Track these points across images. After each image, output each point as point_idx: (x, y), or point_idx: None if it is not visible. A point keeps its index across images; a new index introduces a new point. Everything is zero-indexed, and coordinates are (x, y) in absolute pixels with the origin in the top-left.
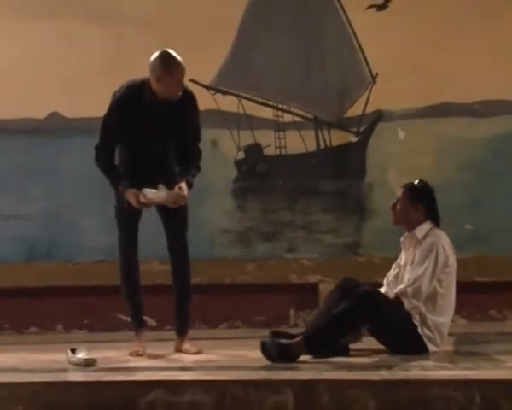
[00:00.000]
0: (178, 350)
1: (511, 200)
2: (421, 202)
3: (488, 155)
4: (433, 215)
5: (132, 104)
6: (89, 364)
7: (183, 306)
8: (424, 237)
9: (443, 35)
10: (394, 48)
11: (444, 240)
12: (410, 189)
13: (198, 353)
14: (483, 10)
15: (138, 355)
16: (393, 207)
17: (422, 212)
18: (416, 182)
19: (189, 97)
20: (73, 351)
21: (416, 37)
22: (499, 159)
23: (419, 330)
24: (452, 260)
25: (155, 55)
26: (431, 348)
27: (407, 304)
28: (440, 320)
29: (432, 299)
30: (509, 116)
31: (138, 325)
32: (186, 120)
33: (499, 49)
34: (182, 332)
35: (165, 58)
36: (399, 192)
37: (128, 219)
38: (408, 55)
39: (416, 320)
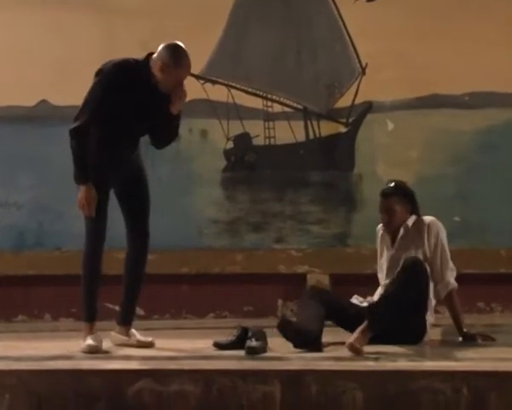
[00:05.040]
0: (127, 341)
1: (499, 192)
2: (408, 204)
3: (477, 147)
4: (416, 209)
5: (126, 81)
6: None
7: (138, 293)
8: (415, 224)
9: (432, 26)
10: (384, 39)
11: (431, 217)
12: (397, 196)
13: (152, 344)
14: (472, 2)
15: (95, 352)
16: (384, 219)
17: (409, 209)
18: (394, 187)
19: None
20: None
21: (405, 28)
22: (488, 151)
23: (426, 316)
24: None
25: (167, 44)
26: (427, 336)
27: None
28: (434, 302)
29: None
30: (499, 108)
31: (92, 318)
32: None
33: (488, 41)
34: (130, 321)
35: (177, 50)
36: (384, 204)
37: (97, 210)
38: (397, 46)
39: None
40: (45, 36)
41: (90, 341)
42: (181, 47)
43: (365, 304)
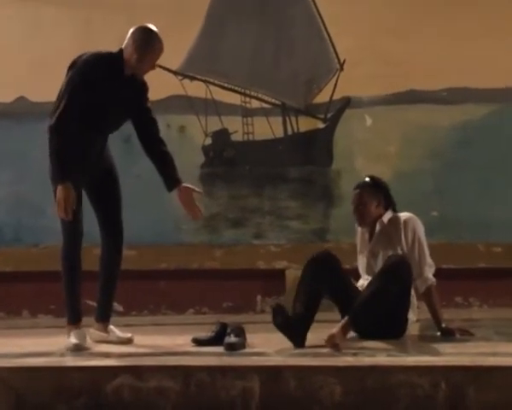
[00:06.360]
0: (105, 337)
1: (477, 187)
2: (380, 197)
3: (454, 143)
4: (391, 204)
5: (100, 73)
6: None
7: (114, 289)
8: (392, 220)
9: (410, 22)
10: (361, 35)
11: (409, 213)
12: (368, 188)
13: (130, 340)
14: None
15: (78, 350)
16: (356, 211)
17: (383, 205)
18: (368, 180)
19: (146, 84)
20: None
21: (383, 24)
22: (465, 146)
23: (408, 314)
24: None
25: (139, 26)
26: (407, 333)
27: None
28: (414, 300)
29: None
30: (476, 103)
31: (78, 319)
32: (143, 102)
33: (466, 37)
34: (108, 318)
35: (150, 31)
36: (355, 195)
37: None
38: (375, 42)
39: (413, 302)
40: (23, 32)
41: (73, 339)
42: (151, 27)
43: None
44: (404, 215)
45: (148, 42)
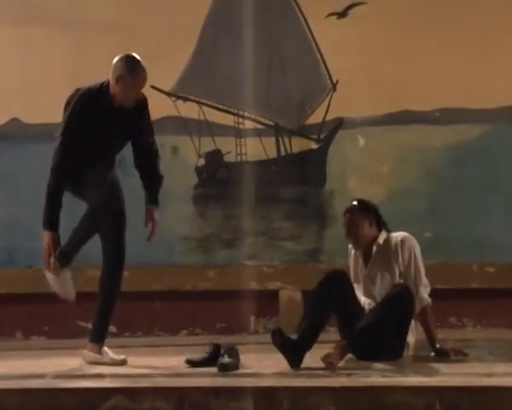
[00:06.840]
0: (99, 359)
1: (470, 207)
2: (371, 217)
3: (447, 163)
4: (383, 224)
5: (92, 111)
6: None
7: (111, 310)
8: (387, 241)
9: (403, 43)
10: (354, 55)
11: (405, 233)
12: (358, 209)
13: (124, 361)
14: (442, 19)
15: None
16: (350, 234)
17: (375, 225)
18: (355, 203)
19: (143, 100)
20: None
21: (375, 44)
22: (458, 166)
23: (408, 337)
24: None
25: (120, 56)
26: (405, 353)
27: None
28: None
29: None
30: (469, 124)
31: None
32: (142, 123)
33: (459, 58)
34: (103, 339)
35: (131, 61)
36: (346, 219)
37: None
38: (368, 62)
39: (411, 324)
40: (16, 53)
41: (55, 283)
42: (134, 56)
43: (366, 307)
44: (399, 235)
45: (130, 71)
